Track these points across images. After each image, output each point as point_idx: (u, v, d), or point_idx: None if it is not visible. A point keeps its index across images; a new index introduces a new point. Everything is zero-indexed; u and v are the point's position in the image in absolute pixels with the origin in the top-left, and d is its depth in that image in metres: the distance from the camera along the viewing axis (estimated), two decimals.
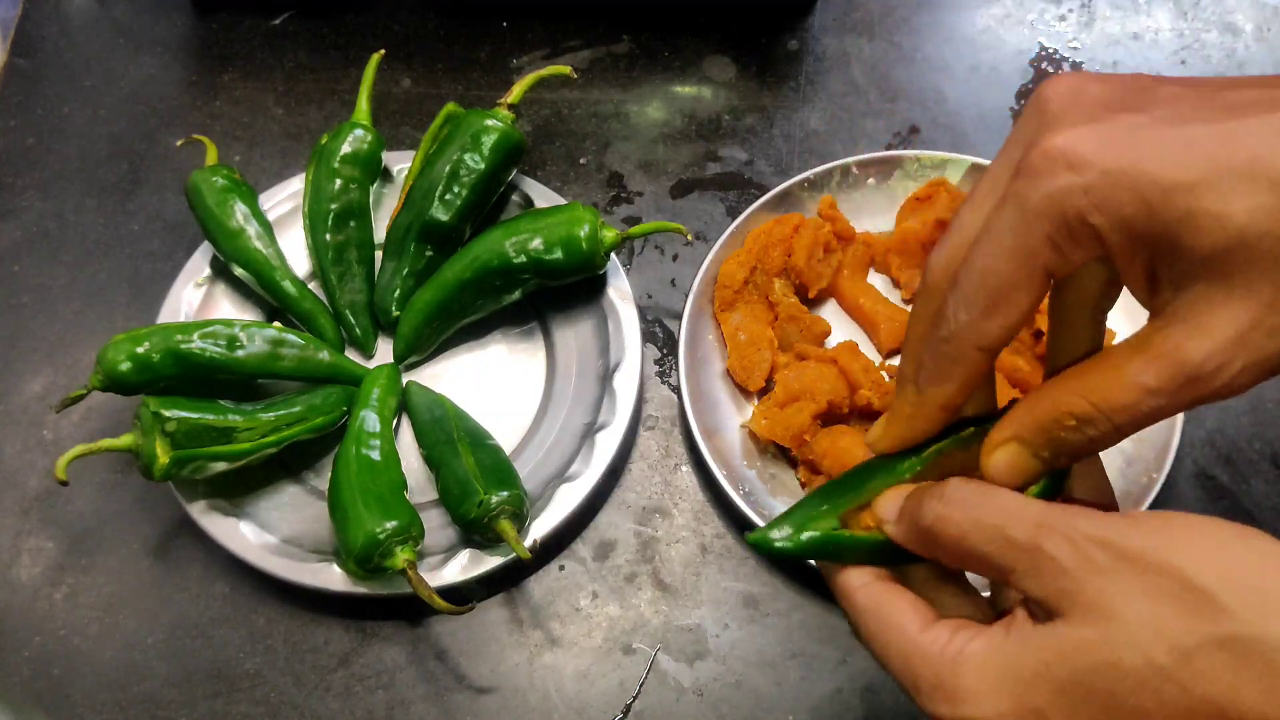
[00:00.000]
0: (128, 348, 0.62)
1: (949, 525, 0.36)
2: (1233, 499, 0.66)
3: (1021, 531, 0.34)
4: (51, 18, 0.86)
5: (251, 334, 0.65)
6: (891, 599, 0.38)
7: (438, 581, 0.60)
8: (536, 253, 0.66)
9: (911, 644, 0.36)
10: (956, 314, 0.36)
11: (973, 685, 0.34)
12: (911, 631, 0.37)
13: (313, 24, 0.84)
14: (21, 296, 0.75)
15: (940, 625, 0.37)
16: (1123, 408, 0.34)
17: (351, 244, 0.71)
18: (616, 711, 0.61)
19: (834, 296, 0.71)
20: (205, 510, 0.63)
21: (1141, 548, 0.32)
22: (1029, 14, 0.84)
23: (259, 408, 0.64)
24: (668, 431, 0.69)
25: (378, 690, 0.62)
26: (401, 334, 0.69)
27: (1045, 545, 0.33)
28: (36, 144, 0.80)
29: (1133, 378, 0.33)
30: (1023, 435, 0.36)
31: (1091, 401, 0.34)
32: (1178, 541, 0.32)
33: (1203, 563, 0.31)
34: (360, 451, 0.63)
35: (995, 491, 0.36)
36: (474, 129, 0.69)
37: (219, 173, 0.70)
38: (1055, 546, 0.33)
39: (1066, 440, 0.35)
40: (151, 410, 0.60)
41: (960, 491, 0.36)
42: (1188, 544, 0.32)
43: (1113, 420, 0.34)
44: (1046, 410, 0.36)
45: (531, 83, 0.70)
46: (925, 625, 0.37)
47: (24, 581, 0.65)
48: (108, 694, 0.62)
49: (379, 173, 0.73)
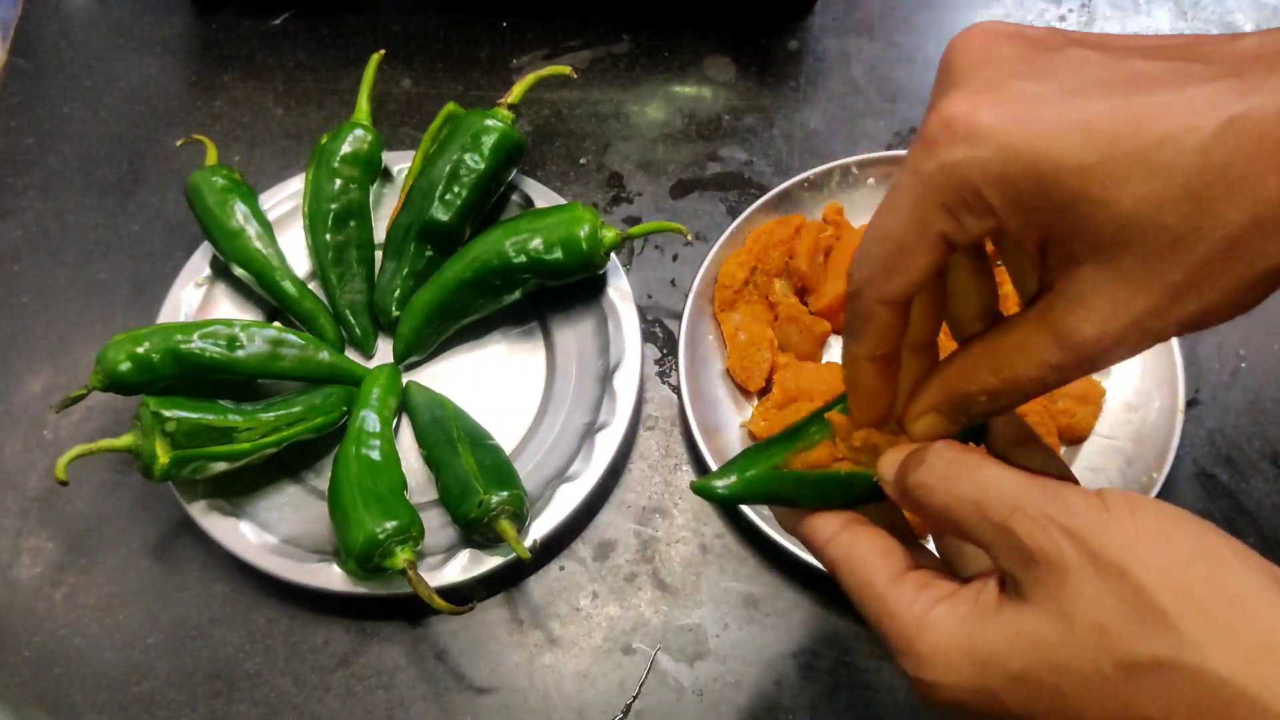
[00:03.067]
0: (128, 348, 0.62)
1: (932, 494, 0.36)
2: (1233, 499, 0.66)
3: (997, 511, 0.34)
4: (51, 18, 0.86)
5: (251, 334, 0.65)
6: (861, 550, 0.38)
7: (438, 581, 0.60)
8: (536, 253, 0.66)
9: (881, 600, 0.37)
10: (859, 271, 0.36)
11: (933, 653, 0.35)
12: (880, 585, 0.37)
13: (313, 24, 0.84)
14: (21, 296, 0.75)
15: (908, 579, 0.37)
16: (1029, 380, 0.35)
17: (351, 244, 0.71)
18: (616, 711, 0.61)
19: None
20: (205, 510, 0.63)
21: (1109, 549, 0.32)
22: (1029, 14, 0.84)
23: (259, 408, 0.64)
24: (668, 431, 0.69)
25: (378, 690, 0.62)
26: (401, 334, 0.69)
27: (1018, 529, 0.33)
28: (36, 144, 0.80)
29: (1038, 356, 0.34)
30: (940, 407, 0.38)
31: (1002, 378, 0.35)
32: (1145, 549, 0.32)
33: (1164, 579, 0.31)
34: (360, 451, 0.63)
35: (975, 464, 0.36)
36: (474, 129, 0.69)
37: (219, 173, 0.70)
38: (1028, 533, 0.33)
39: (980, 409, 0.37)
40: (151, 410, 0.60)
41: (941, 459, 0.36)
42: (1154, 554, 0.31)
43: (1021, 390, 0.35)
44: (960, 386, 0.37)
45: (532, 83, 0.70)
46: (894, 577, 0.37)
47: (24, 581, 0.65)
48: (108, 694, 0.62)
49: (379, 173, 0.73)
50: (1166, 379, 0.65)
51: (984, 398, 0.36)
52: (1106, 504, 0.33)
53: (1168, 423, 0.64)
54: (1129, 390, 0.66)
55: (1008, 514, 0.34)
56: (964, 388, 0.37)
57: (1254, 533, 0.65)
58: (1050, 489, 0.34)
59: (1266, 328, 0.71)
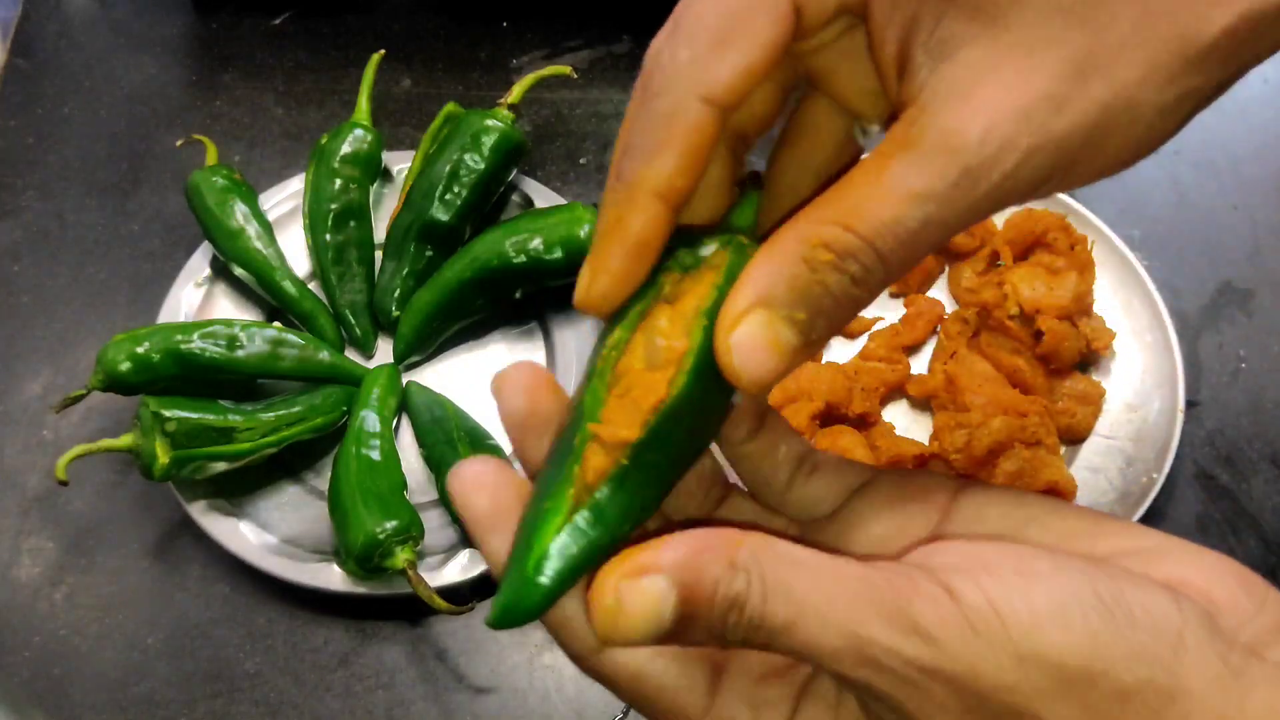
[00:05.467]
0: (128, 348, 0.62)
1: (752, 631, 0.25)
2: (1233, 499, 0.66)
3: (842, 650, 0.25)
4: (51, 18, 0.86)
5: (251, 334, 0.65)
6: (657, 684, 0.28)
7: (438, 581, 0.60)
8: (536, 252, 0.66)
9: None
10: (675, 54, 0.27)
11: None
12: None
13: (313, 24, 0.84)
14: (21, 296, 0.74)
15: None
16: (886, 225, 0.25)
17: (351, 244, 0.71)
18: (616, 711, 0.61)
19: None
20: (205, 510, 0.63)
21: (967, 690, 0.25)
22: None
23: (259, 408, 0.64)
24: None
25: (378, 690, 0.62)
26: (401, 334, 0.69)
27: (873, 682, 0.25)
28: (36, 144, 0.80)
29: (893, 183, 0.25)
30: (769, 294, 0.26)
31: (847, 224, 0.25)
32: None
33: None
34: (360, 451, 0.63)
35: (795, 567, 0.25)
36: (474, 129, 0.69)
37: (219, 173, 0.70)
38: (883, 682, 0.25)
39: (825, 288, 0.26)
40: (151, 410, 0.60)
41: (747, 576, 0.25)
42: None
43: (876, 246, 0.25)
44: (792, 250, 0.26)
45: (531, 83, 0.70)
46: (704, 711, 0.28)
47: (24, 581, 0.65)
48: (108, 694, 0.62)
49: (379, 173, 0.73)
50: (1167, 379, 0.65)
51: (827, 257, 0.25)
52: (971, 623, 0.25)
53: (1168, 423, 0.64)
54: (1129, 390, 0.66)
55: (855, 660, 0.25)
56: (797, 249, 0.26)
57: (1254, 534, 0.65)
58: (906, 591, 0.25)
59: (1266, 328, 0.71)
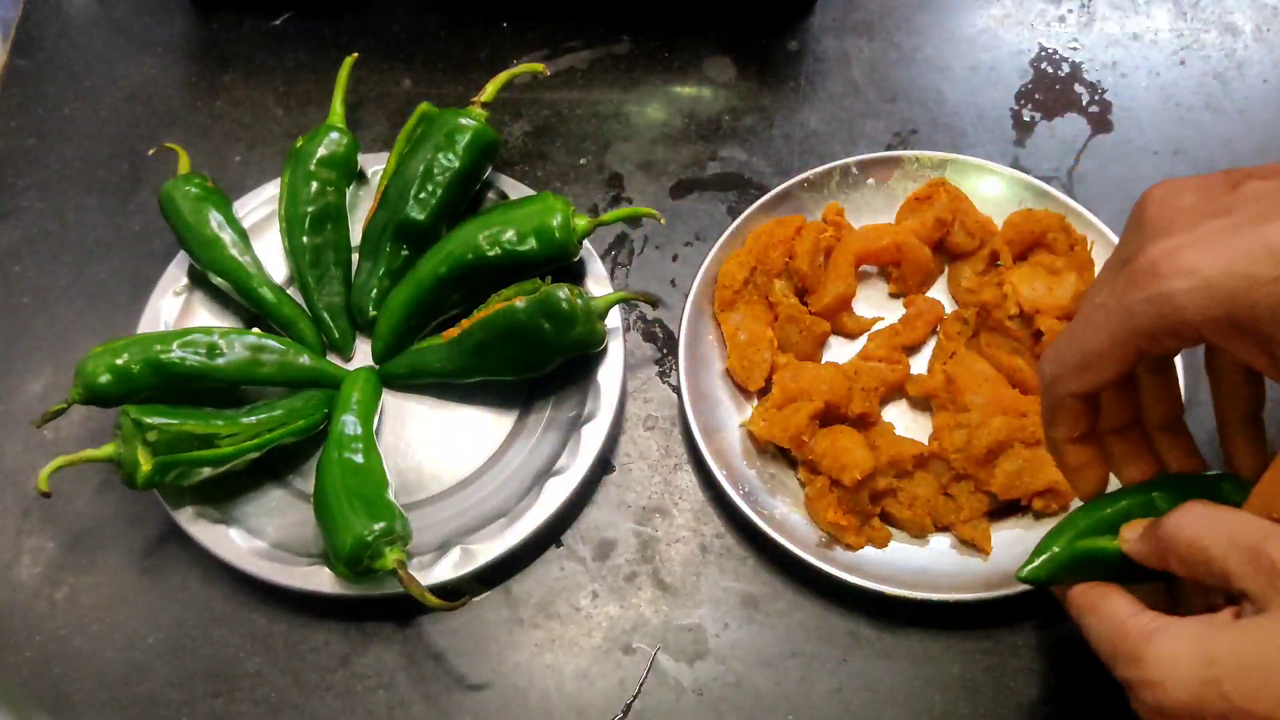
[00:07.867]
0: (107, 360, 0.62)
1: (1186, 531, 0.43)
2: None
3: (1247, 536, 0.40)
4: (51, 18, 0.86)
5: (231, 341, 0.65)
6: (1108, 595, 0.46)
7: (430, 580, 0.60)
8: (510, 244, 0.66)
9: (1118, 624, 0.44)
10: (1051, 367, 0.46)
11: (1159, 657, 0.40)
12: (1121, 616, 0.44)
13: (313, 24, 0.84)
14: (21, 296, 0.75)
15: (1146, 613, 0.44)
16: None
17: (329, 247, 0.71)
18: (616, 711, 0.61)
19: None
20: (193, 518, 0.62)
21: None
22: (1028, 14, 0.84)
23: (240, 413, 0.64)
24: (668, 431, 0.69)
25: (378, 690, 0.62)
26: (379, 334, 0.69)
27: (1267, 548, 0.39)
28: (36, 144, 0.80)
29: None
30: None
31: None
32: None
33: None
34: (343, 456, 0.62)
35: (1226, 510, 0.43)
36: (448, 128, 0.69)
37: (192, 181, 0.70)
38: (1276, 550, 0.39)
39: None
40: (132, 418, 0.59)
41: (1198, 507, 0.43)
42: None
43: None
44: None
45: (504, 80, 0.71)
46: (1134, 612, 0.44)
47: (24, 581, 0.65)
48: (108, 694, 0.62)
49: (355, 175, 0.73)
50: None
51: None
52: None
53: None
54: None
55: (1258, 538, 0.40)
56: None
57: None
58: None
59: None
